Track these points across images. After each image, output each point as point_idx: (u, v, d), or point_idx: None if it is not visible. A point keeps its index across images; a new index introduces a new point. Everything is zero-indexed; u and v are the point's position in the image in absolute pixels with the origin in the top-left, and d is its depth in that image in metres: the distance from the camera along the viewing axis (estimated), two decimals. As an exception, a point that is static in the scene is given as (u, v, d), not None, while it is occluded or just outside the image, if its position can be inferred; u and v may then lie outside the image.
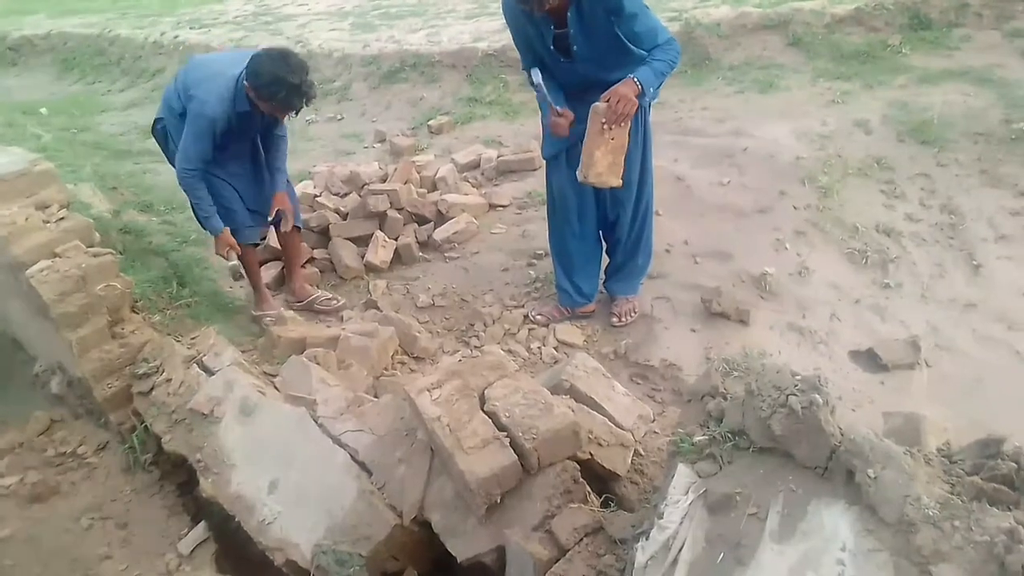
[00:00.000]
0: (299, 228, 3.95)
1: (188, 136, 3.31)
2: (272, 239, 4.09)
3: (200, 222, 3.61)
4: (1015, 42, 5.70)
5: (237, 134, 3.42)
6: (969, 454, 1.67)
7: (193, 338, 3.21)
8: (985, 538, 1.38)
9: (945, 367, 3.57)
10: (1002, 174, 4.59)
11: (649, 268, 3.77)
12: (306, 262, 4.25)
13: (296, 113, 3.35)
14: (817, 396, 1.71)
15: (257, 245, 3.89)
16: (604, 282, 3.78)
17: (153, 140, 3.75)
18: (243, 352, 3.31)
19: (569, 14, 2.98)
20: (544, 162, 3.58)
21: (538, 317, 3.74)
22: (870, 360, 3.55)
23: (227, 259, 3.88)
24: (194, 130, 3.29)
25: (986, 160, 4.66)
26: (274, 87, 3.16)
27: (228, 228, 3.55)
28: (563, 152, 3.37)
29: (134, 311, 3.31)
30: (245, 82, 3.22)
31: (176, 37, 10.11)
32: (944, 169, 4.63)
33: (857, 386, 3.41)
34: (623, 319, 3.66)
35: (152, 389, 2.98)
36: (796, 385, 1.77)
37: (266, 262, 4.22)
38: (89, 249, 3.09)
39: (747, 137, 4.96)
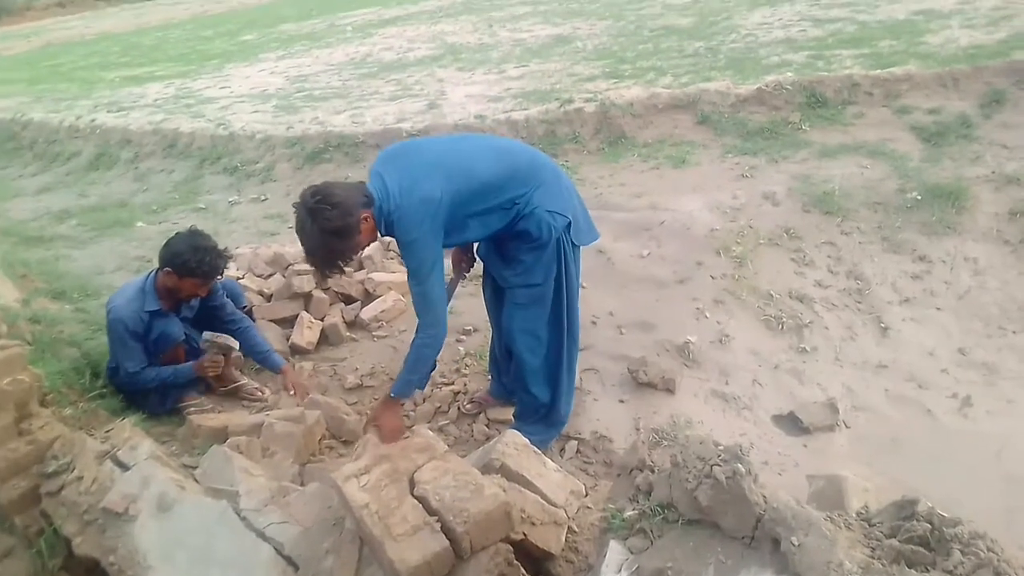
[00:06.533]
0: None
1: (115, 346, 3.49)
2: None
3: (167, 394, 3.64)
4: (903, 118, 6.14)
5: (158, 342, 3.53)
6: (886, 516, 1.73)
7: (107, 431, 3.05)
8: (905, 600, 1.42)
9: (862, 427, 3.71)
10: (901, 240, 4.88)
11: (557, 429, 3.39)
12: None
13: (221, 275, 3.55)
14: (740, 466, 1.75)
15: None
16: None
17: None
18: (162, 444, 3.17)
19: None
20: None
21: (468, 406, 3.63)
22: (792, 423, 3.65)
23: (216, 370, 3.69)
24: (118, 340, 3.45)
25: (886, 228, 4.96)
26: (198, 255, 3.36)
27: (195, 363, 3.61)
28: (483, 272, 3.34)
29: (43, 405, 3.14)
30: (163, 271, 3.42)
31: (93, 121, 9.98)
32: (848, 237, 4.90)
33: (782, 450, 3.49)
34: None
35: (62, 488, 2.81)
36: (719, 455, 1.81)
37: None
38: (-6, 342, 2.94)
39: (664, 211, 5.16)
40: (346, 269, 2.84)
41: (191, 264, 3.36)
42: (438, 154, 2.84)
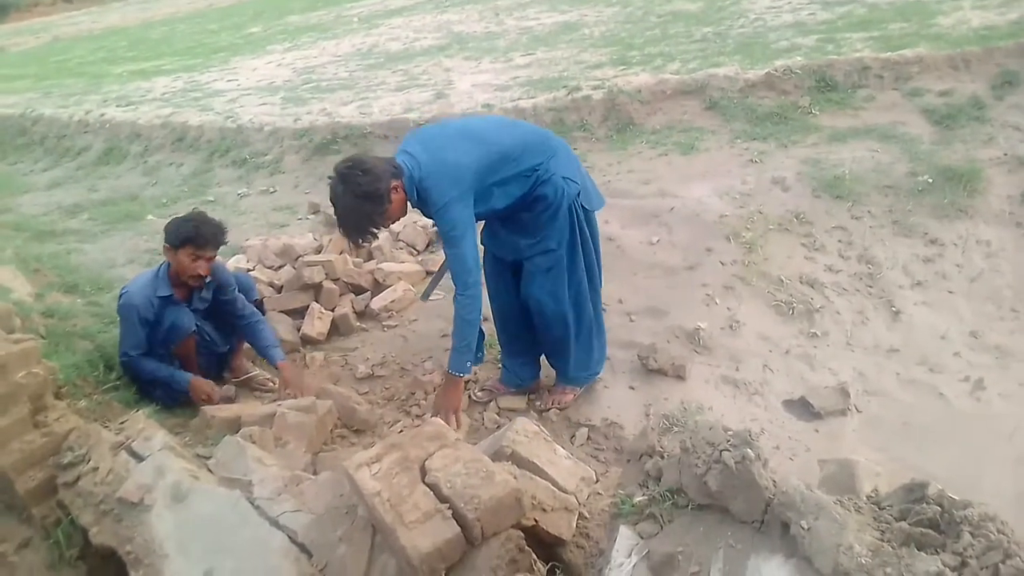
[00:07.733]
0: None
1: (122, 328, 3.56)
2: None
3: (168, 393, 3.62)
4: (914, 100, 6.08)
5: (169, 332, 3.56)
6: (896, 499, 1.73)
7: (122, 423, 3.08)
8: (915, 582, 1.42)
9: (874, 411, 3.70)
10: (912, 224, 4.85)
11: (599, 368, 3.60)
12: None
13: (217, 246, 3.51)
14: (749, 450, 1.75)
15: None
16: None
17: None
18: (175, 434, 3.20)
19: None
20: None
21: (479, 394, 3.66)
22: (803, 408, 3.65)
23: (212, 402, 3.63)
24: (125, 323, 3.53)
25: (896, 211, 4.93)
26: (188, 223, 3.44)
27: (192, 379, 3.61)
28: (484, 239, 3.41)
29: (58, 397, 3.17)
30: (167, 252, 3.49)
31: (102, 115, 10.01)
32: (858, 221, 4.87)
33: (793, 435, 3.49)
34: (547, 404, 3.53)
35: (78, 479, 2.84)
36: (728, 440, 1.81)
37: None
38: (9, 336, 2.96)
39: (673, 197, 5.14)
40: (379, 235, 3.00)
41: (182, 231, 3.42)
42: (458, 128, 3.11)
